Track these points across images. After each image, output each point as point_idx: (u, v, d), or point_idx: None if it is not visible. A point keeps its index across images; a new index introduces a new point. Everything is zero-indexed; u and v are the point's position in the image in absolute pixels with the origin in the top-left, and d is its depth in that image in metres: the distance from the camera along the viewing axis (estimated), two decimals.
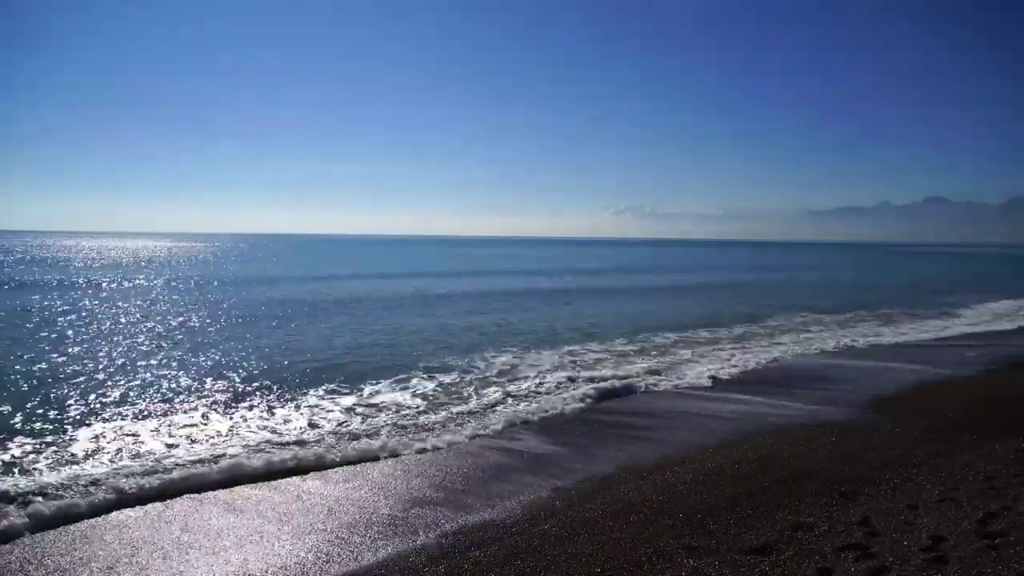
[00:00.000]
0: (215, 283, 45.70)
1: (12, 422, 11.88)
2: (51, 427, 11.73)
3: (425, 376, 16.43)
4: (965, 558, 6.26)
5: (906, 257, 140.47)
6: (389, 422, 12.47)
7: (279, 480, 9.48)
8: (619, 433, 11.95)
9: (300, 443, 11.04)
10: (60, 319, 25.87)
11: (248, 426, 12.08)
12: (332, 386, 15.12)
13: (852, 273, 74.04)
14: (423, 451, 10.79)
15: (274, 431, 11.80)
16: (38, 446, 10.63)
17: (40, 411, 12.69)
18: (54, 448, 10.56)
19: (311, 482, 9.43)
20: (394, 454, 10.61)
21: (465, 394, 14.76)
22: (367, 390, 14.93)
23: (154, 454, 10.35)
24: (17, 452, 10.29)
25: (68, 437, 11.15)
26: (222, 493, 8.95)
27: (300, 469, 9.86)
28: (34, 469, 9.64)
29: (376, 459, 10.40)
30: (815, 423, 12.13)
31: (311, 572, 6.85)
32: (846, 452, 10.21)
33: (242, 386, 15.17)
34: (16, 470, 9.56)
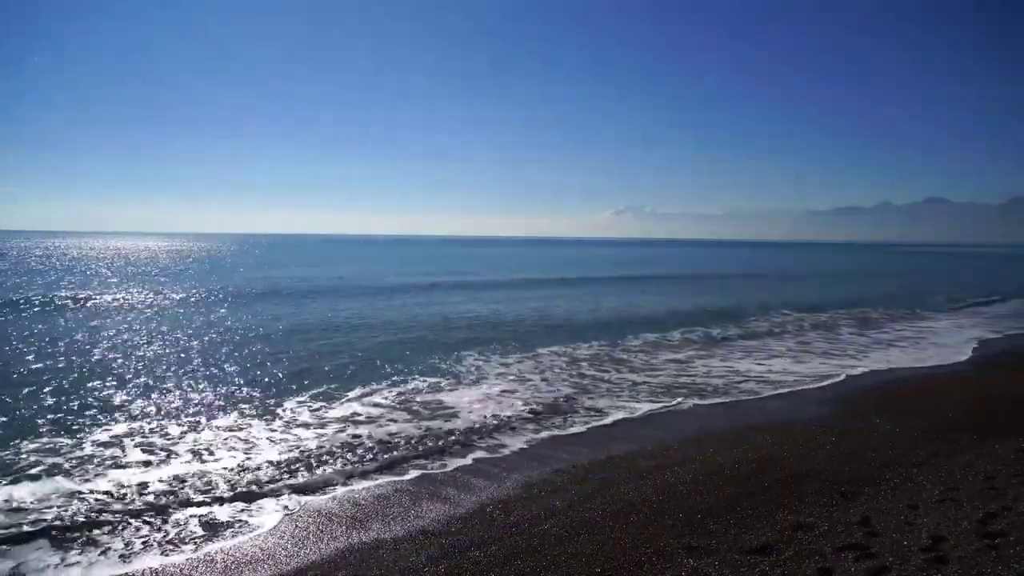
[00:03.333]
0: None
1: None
2: None
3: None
4: (965, 558, 6.26)
5: (910, 258, 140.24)
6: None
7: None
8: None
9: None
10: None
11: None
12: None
13: (852, 274, 73.93)
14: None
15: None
16: None
17: None
18: None
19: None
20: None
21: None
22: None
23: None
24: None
25: None
26: None
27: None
28: None
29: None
30: (815, 423, 12.14)
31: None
32: (846, 452, 10.21)
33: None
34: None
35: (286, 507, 8.54)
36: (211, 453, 10.55)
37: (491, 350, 20.19)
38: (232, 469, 9.81)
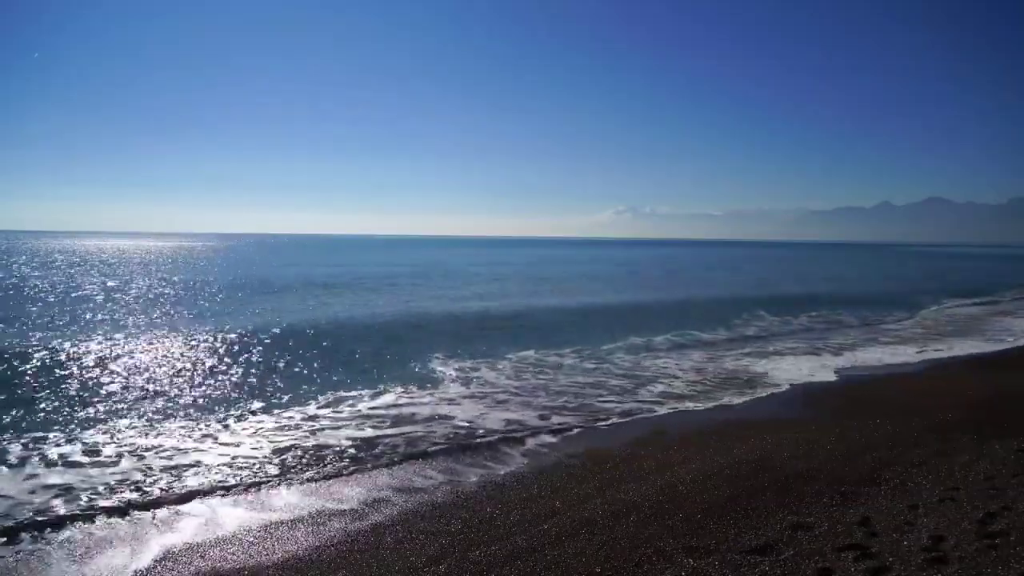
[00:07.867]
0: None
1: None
2: None
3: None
4: (965, 558, 6.26)
5: (911, 259, 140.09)
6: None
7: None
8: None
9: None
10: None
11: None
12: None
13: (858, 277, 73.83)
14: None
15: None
16: None
17: None
18: None
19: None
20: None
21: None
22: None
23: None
24: None
25: None
26: None
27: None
28: None
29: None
30: (814, 423, 12.14)
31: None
32: (846, 452, 10.21)
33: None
34: None
35: (283, 506, 8.56)
36: (202, 452, 10.56)
37: (487, 354, 20.16)
38: (229, 469, 9.83)
